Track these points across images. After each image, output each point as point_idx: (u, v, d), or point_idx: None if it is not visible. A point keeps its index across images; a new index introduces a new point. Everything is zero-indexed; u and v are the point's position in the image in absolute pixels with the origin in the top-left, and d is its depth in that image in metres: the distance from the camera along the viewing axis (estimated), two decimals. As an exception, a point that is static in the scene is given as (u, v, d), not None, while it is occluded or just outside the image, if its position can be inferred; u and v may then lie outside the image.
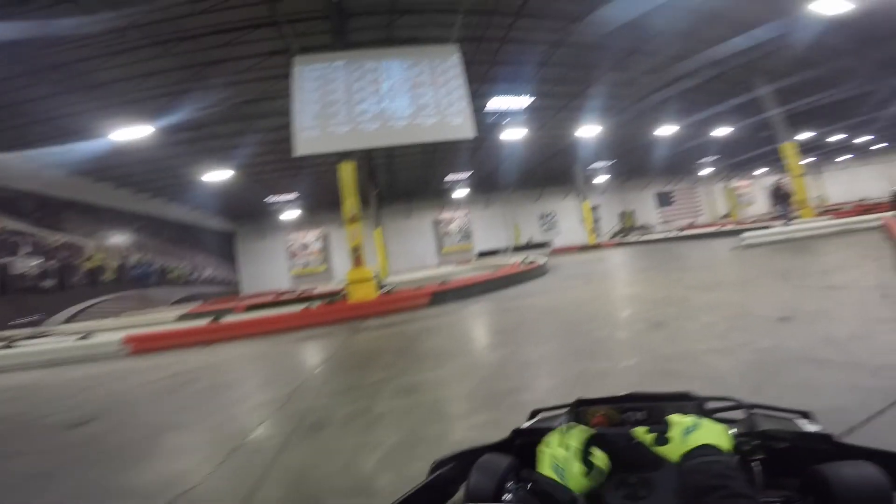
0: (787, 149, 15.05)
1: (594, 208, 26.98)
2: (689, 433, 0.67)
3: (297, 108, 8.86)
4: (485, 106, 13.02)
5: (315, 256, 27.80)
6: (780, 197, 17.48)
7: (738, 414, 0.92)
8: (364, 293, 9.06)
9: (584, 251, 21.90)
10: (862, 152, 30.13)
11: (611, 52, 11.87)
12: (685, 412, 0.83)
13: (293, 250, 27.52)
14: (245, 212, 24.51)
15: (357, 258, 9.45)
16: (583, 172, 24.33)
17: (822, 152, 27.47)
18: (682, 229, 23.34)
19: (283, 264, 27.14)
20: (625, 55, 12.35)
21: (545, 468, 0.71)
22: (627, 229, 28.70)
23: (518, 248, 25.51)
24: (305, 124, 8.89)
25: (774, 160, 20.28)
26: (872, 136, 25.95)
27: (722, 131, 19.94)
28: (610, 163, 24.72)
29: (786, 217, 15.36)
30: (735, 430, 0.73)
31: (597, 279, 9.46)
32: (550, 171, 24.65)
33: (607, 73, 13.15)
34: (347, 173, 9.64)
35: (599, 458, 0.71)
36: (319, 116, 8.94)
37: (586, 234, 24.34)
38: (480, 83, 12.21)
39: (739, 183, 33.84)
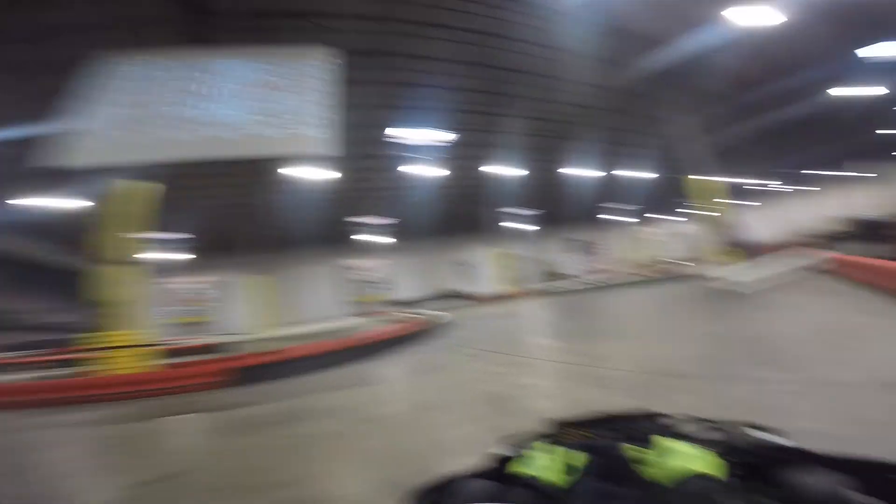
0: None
1: (518, 257, 26.29)
2: (680, 458, 0.67)
3: (89, 111, 6.31)
4: (395, 136, 11.52)
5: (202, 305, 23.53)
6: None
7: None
8: (124, 364, 7.10)
9: (504, 301, 20.85)
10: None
11: (529, 76, 10.75)
12: (663, 433, 0.87)
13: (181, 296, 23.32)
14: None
15: (119, 315, 7.37)
16: (503, 218, 23.50)
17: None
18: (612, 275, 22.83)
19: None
20: (545, 80, 11.34)
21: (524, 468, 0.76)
22: (551, 276, 28.08)
23: (439, 297, 24.03)
24: (97, 128, 6.20)
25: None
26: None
27: (639, 175, 19.91)
28: (533, 210, 24.19)
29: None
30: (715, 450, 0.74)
31: (502, 346, 7.33)
32: (472, 216, 23.62)
33: (525, 102, 12.04)
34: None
35: (579, 459, 0.72)
36: (121, 121, 6.32)
37: (507, 282, 23.26)
38: (381, 107, 10.42)
39: (655, 229, 34.86)
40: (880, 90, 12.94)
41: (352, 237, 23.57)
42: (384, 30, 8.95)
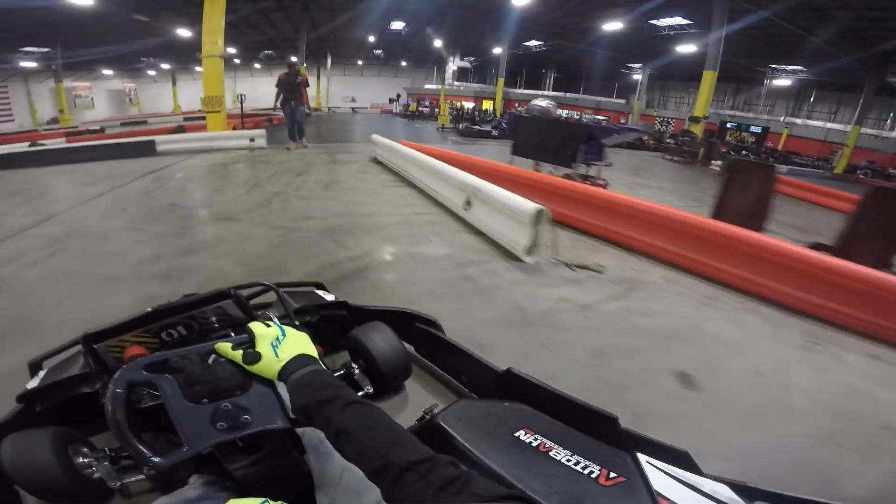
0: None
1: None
2: (279, 345, 0.66)
3: None
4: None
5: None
6: None
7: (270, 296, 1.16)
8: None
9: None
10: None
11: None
12: (230, 312, 0.94)
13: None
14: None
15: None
16: None
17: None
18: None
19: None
20: None
21: None
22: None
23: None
24: None
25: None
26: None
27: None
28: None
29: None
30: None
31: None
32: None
33: None
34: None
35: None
36: None
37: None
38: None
39: (77, 84, 29.99)
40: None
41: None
42: None
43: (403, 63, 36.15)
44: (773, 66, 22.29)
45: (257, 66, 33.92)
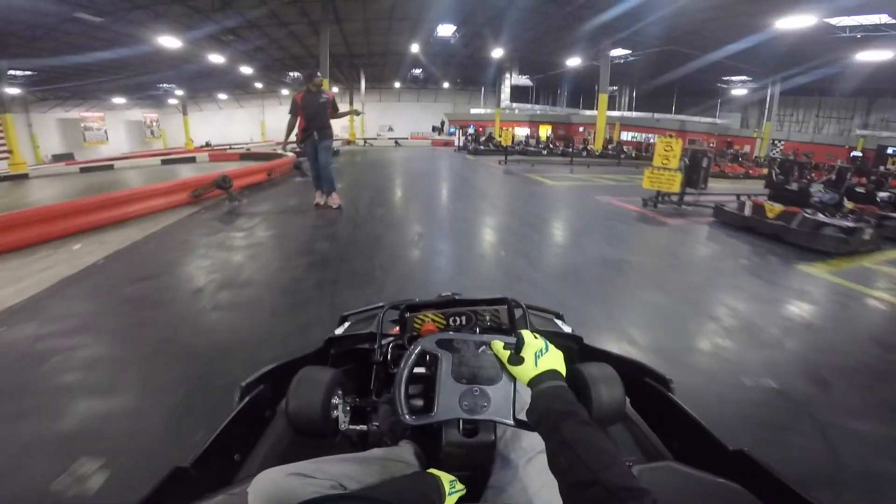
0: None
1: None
2: (540, 357, 0.71)
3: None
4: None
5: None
6: None
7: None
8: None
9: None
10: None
11: None
12: (500, 316, 1.15)
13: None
14: None
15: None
16: None
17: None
18: None
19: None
20: None
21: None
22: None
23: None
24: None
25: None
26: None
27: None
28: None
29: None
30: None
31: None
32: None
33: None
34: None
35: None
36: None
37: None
38: None
39: (87, 114, 27.21)
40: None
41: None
42: None
43: (445, 85, 31.50)
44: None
45: (285, 91, 30.17)
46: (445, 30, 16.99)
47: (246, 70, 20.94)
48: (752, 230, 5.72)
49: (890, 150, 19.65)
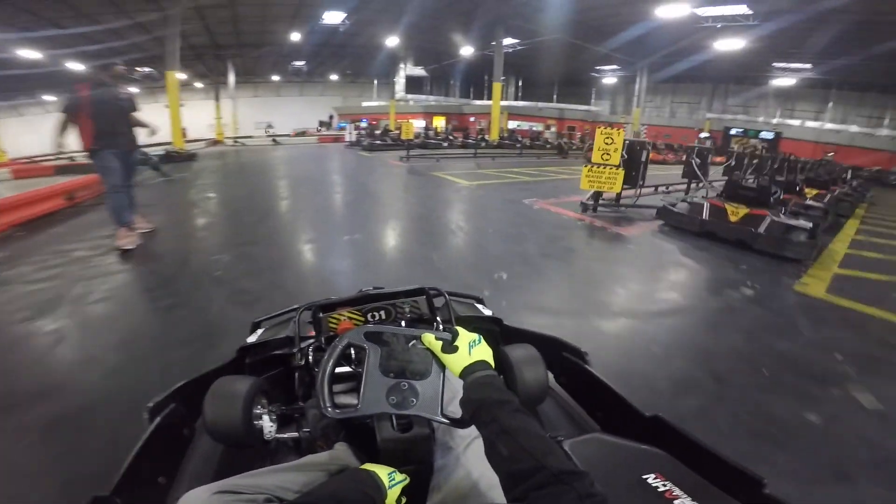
0: None
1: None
2: (474, 346, 0.70)
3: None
4: None
5: None
6: None
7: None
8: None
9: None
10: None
11: None
12: (419, 307, 1.14)
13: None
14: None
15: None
16: None
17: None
18: None
19: None
20: None
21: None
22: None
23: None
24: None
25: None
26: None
27: None
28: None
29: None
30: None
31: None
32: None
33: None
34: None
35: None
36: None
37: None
38: None
39: None
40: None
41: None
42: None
43: (334, 77, 28.63)
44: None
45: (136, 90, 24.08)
46: (334, 17, 14.73)
47: (77, 67, 15.87)
48: (713, 236, 5.28)
49: (733, 132, 23.01)
